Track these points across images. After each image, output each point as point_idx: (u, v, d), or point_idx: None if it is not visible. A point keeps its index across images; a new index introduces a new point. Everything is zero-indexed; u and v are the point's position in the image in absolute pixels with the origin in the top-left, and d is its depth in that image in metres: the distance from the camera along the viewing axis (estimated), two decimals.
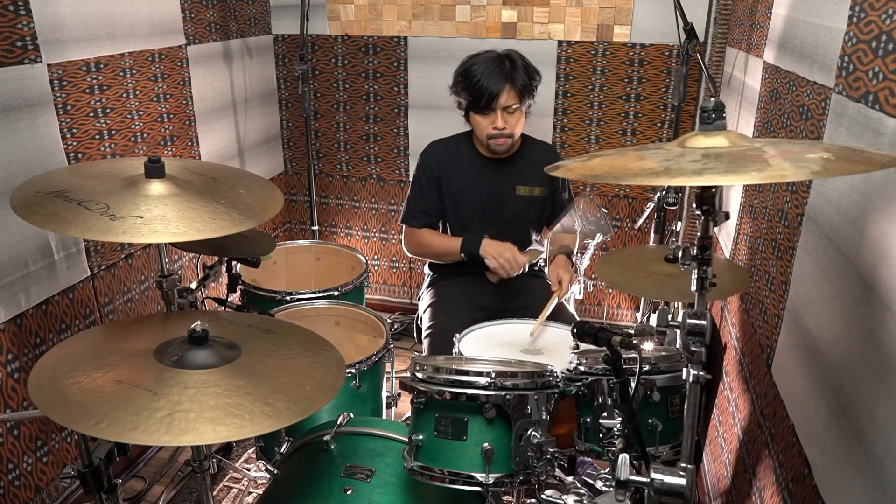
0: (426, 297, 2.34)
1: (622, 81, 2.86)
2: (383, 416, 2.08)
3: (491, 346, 1.83)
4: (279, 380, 1.16)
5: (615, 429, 1.34)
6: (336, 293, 2.30)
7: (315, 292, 2.28)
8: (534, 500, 1.41)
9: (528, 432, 1.29)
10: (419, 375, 1.35)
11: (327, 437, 1.51)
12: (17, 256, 1.84)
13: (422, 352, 2.19)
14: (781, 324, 1.49)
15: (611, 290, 3.20)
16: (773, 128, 1.75)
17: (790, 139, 1.57)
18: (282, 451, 1.63)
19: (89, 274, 2.12)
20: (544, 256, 2.21)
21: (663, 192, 2.35)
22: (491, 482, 1.27)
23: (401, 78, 3.09)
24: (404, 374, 1.40)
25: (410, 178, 3.17)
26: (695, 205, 1.04)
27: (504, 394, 1.28)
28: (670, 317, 1.11)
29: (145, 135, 2.35)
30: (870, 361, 1.05)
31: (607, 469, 1.31)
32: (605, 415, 1.37)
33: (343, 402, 1.85)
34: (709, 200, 1.02)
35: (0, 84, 1.74)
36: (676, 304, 2.27)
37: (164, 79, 2.42)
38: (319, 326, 2.05)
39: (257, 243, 1.89)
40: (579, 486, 1.34)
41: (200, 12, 2.60)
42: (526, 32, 2.88)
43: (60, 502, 2.06)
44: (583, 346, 1.43)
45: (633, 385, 1.25)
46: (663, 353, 1.45)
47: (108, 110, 2.15)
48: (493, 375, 1.29)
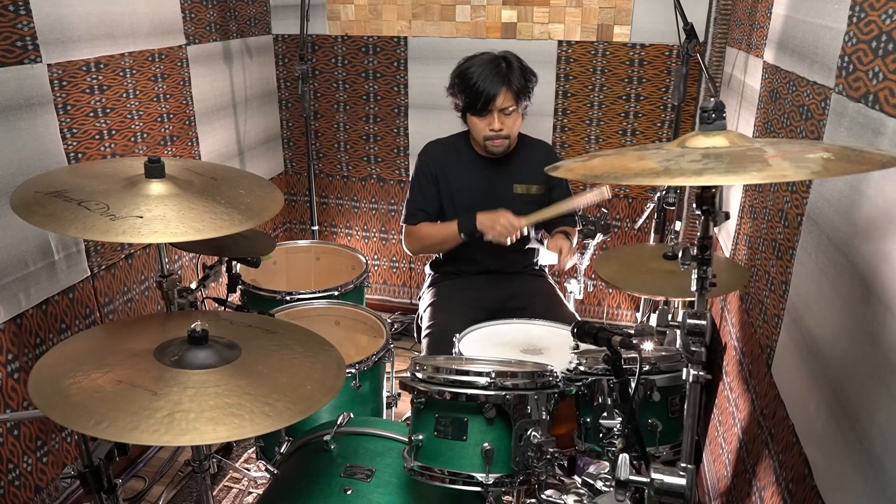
0: (426, 297, 2.34)
1: (622, 81, 2.86)
2: (383, 416, 2.08)
3: (491, 346, 1.83)
4: (279, 380, 1.16)
5: (615, 429, 1.34)
6: (336, 293, 2.30)
7: (315, 292, 2.28)
8: (534, 500, 1.41)
9: (528, 432, 1.29)
10: (419, 375, 1.35)
11: (327, 437, 1.51)
12: (17, 256, 1.84)
13: (422, 352, 2.19)
14: (781, 324, 1.49)
15: (611, 291, 3.20)
16: (773, 128, 1.75)
17: (790, 139, 1.57)
18: (282, 451, 1.63)
19: (89, 274, 2.12)
20: (545, 217, 2.12)
21: (663, 192, 2.35)
22: (491, 482, 1.27)
23: (401, 78, 3.09)
24: (404, 374, 1.40)
25: (410, 179, 3.19)
26: (695, 205, 1.04)
27: (504, 394, 1.28)
28: (670, 317, 1.11)
29: (145, 135, 2.35)
30: (870, 361, 1.05)
31: (607, 469, 1.31)
32: (605, 415, 1.37)
33: (343, 402, 1.85)
34: (709, 200, 1.02)
35: (0, 84, 1.75)
36: (676, 303, 2.27)
37: (164, 79, 2.42)
38: (319, 326, 2.05)
39: (257, 243, 1.89)
40: (579, 486, 1.34)
41: (200, 12, 2.60)
42: (526, 32, 2.87)
43: (60, 502, 2.06)
44: (583, 346, 1.43)
45: (633, 385, 1.25)
46: (663, 353, 1.45)
47: (108, 110, 2.15)
48: (493, 375, 1.29)
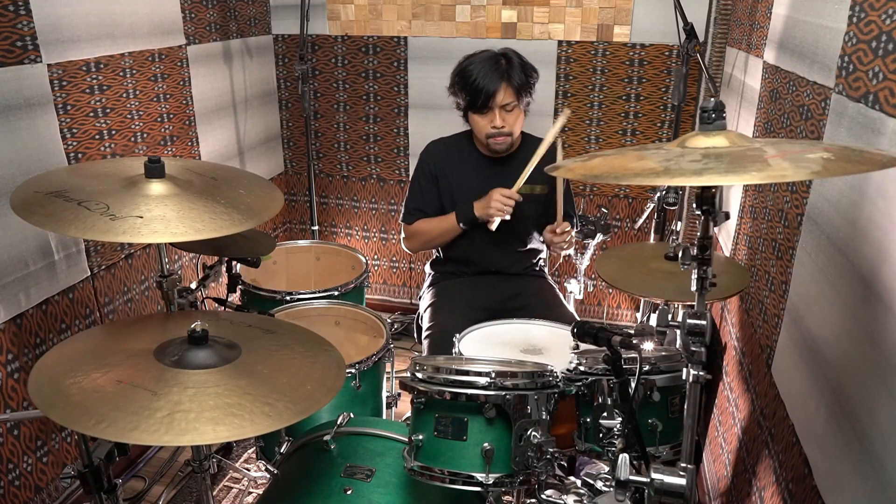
0: (427, 297, 2.34)
1: (622, 81, 2.86)
2: (383, 416, 2.08)
3: (491, 346, 1.83)
4: (279, 380, 1.16)
5: (615, 429, 1.34)
6: (336, 293, 2.30)
7: (315, 292, 2.28)
8: (534, 500, 1.41)
9: (528, 432, 1.29)
10: (419, 375, 1.35)
11: (327, 437, 1.51)
12: (17, 256, 1.84)
13: (422, 352, 2.19)
14: (781, 324, 1.49)
15: (611, 291, 3.20)
16: (773, 128, 1.75)
17: (790, 139, 1.57)
18: (282, 451, 1.63)
19: (89, 274, 2.12)
20: (528, 172, 2.02)
21: (663, 192, 2.35)
22: (491, 482, 1.27)
23: (401, 78, 3.09)
24: (404, 374, 1.40)
25: (410, 178, 3.18)
26: (695, 205, 1.04)
27: (504, 394, 1.28)
28: (670, 317, 1.11)
29: (145, 135, 2.35)
30: (870, 361, 1.05)
31: (607, 469, 1.31)
32: (605, 415, 1.37)
33: (343, 402, 1.85)
34: (709, 200, 1.02)
35: (0, 84, 1.75)
36: (676, 303, 2.27)
37: (164, 79, 2.42)
38: (319, 326, 2.05)
39: (257, 243, 1.89)
40: (579, 486, 1.34)
41: (200, 12, 2.60)
42: (526, 32, 2.87)
43: (60, 502, 2.06)
44: (583, 346, 1.43)
45: (633, 385, 1.25)
46: (663, 353, 1.45)
47: (108, 110, 2.15)
48: (493, 375, 1.29)
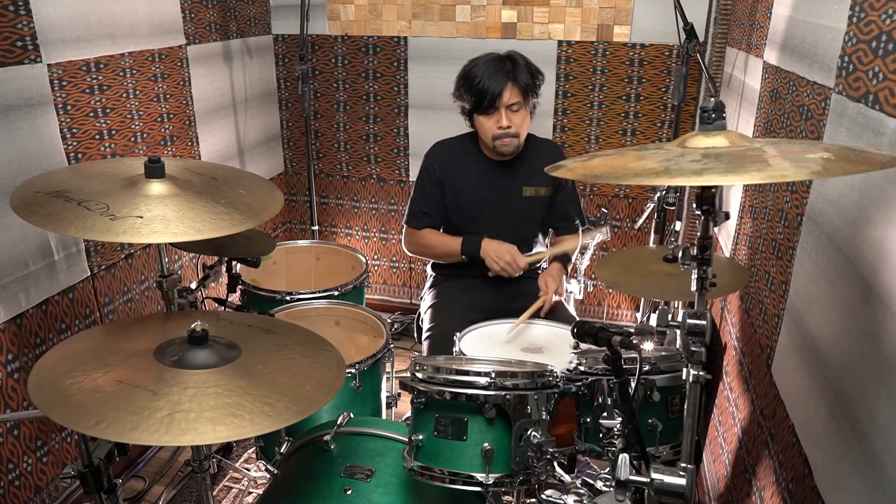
0: (428, 298, 2.34)
1: (622, 81, 2.86)
2: (383, 416, 2.08)
3: (491, 346, 1.83)
4: (279, 380, 1.16)
5: (615, 429, 1.34)
6: (336, 293, 2.30)
7: (315, 292, 2.28)
8: (534, 500, 1.41)
9: (528, 432, 1.29)
10: (419, 375, 1.35)
11: (327, 437, 1.51)
12: (17, 256, 1.84)
13: (422, 352, 2.19)
14: (781, 324, 1.49)
15: (611, 291, 3.20)
16: (774, 128, 1.75)
17: (790, 139, 1.57)
18: (282, 451, 1.63)
19: (89, 274, 2.12)
20: (544, 260, 2.20)
21: (663, 192, 2.35)
22: (491, 482, 1.27)
23: (401, 78, 3.09)
24: (404, 374, 1.40)
25: (410, 179, 3.19)
26: (695, 205, 1.04)
27: (504, 394, 1.28)
28: (670, 317, 1.11)
29: (145, 135, 2.35)
30: (870, 361, 1.05)
31: (607, 469, 1.31)
32: (605, 415, 1.37)
33: (343, 402, 1.85)
34: (709, 200, 1.02)
35: (0, 84, 1.75)
36: (676, 303, 2.27)
37: (164, 79, 2.42)
38: (319, 326, 2.05)
39: (257, 243, 1.89)
40: (579, 486, 1.34)
41: (200, 12, 2.60)
42: (526, 32, 2.88)
43: (60, 502, 2.06)
44: (583, 346, 1.43)
45: (633, 385, 1.25)
46: (663, 353, 1.45)
47: (108, 110, 2.15)
48: (493, 375, 1.29)
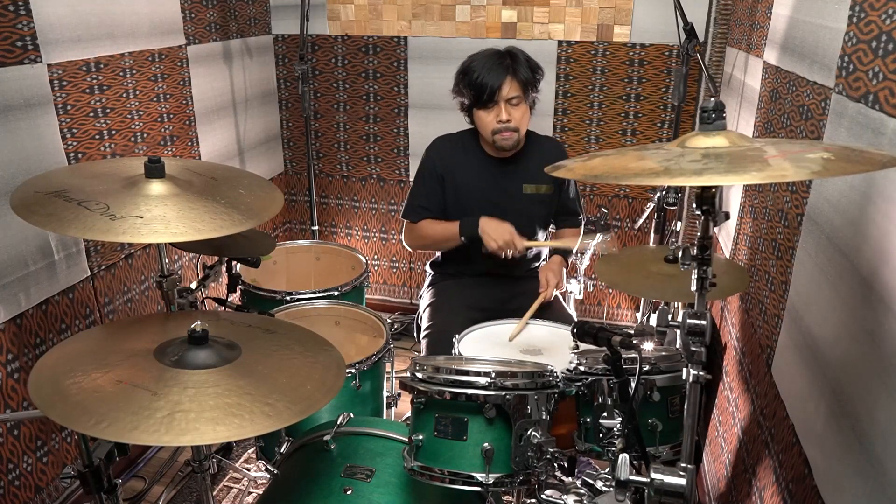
0: (426, 297, 2.34)
1: (622, 81, 2.86)
2: (383, 416, 2.08)
3: (491, 346, 1.83)
4: (279, 380, 1.16)
5: (615, 429, 1.34)
6: (336, 293, 2.30)
7: (315, 292, 2.28)
8: (534, 500, 1.41)
9: (528, 432, 1.29)
10: (419, 375, 1.35)
11: (327, 437, 1.51)
12: (17, 256, 1.84)
13: (421, 352, 2.19)
14: (781, 324, 1.49)
15: (611, 291, 3.20)
16: (773, 128, 1.75)
17: (790, 139, 1.57)
18: (282, 451, 1.63)
19: (89, 274, 2.12)
20: (545, 251, 2.17)
21: (663, 192, 2.35)
22: (491, 482, 1.27)
23: (401, 78, 3.09)
24: (404, 374, 1.40)
25: (410, 179, 3.18)
26: (695, 205, 1.04)
27: (504, 394, 1.28)
28: (670, 317, 1.11)
29: (145, 135, 2.35)
30: (870, 361, 1.05)
31: (607, 469, 1.31)
32: (605, 415, 1.37)
33: (343, 402, 1.85)
34: (709, 200, 1.02)
35: (0, 84, 1.75)
36: (676, 304, 2.27)
37: (164, 79, 2.42)
38: (319, 326, 2.05)
39: (257, 243, 1.89)
40: (579, 486, 1.34)
41: (200, 12, 2.60)
42: (526, 32, 2.88)
43: (60, 502, 2.06)
44: (583, 346, 1.43)
45: (633, 385, 1.25)
46: (663, 353, 1.45)
47: (108, 110, 2.15)
48: (493, 375, 1.29)
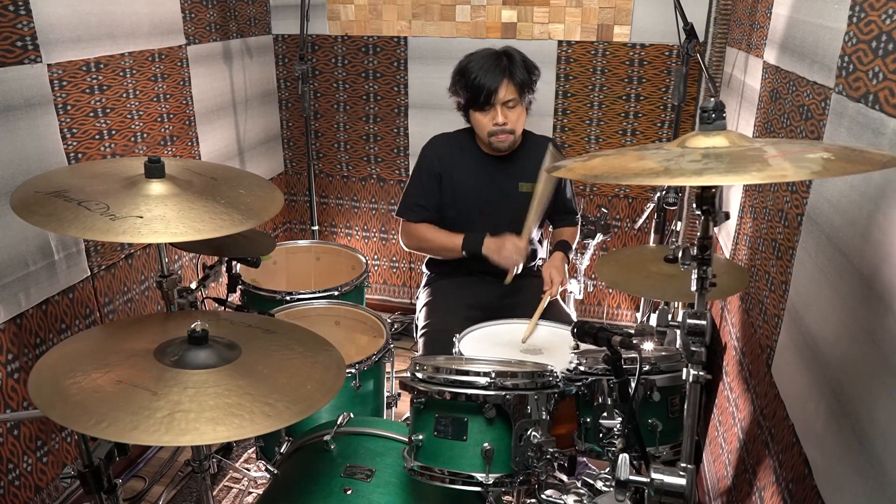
0: (423, 297, 2.34)
1: (622, 81, 2.86)
2: (383, 416, 2.08)
3: (491, 346, 1.83)
4: (279, 380, 1.16)
5: (615, 429, 1.34)
6: (336, 293, 2.30)
7: (315, 292, 2.28)
8: (534, 500, 1.41)
9: (528, 432, 1.29)
10: (419, 375, 1.35)
11: (327, 437, 1.51)
12: (17, 256, 1.84)
13: (418, 351, 2.19)
14: (781, 324, 1.49)
15: (611, 291, 3.20)
16: (773, 128, 1.75)
17: (790, 139, 1.57)
18: (282, 451, 1.63)
19: (89, 274, 2.12)
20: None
21: (663, 192, 2.35)
22: (491, 482, 1.27)
23: (401, 78, 3.09)
24: (404, 374, 1.40)
25: (412, 169, 3.18)
26: (695, 205, 1.04)
27: (504, 394, 1.28)
28: (670, 317, 1.11)
29: (145, 135, 2.35)
30: (870, 361, 1.05)
31: (607, 469, 1.31)
32: (605, 415, 1.37)
33: (343, 402, 1.85)
34: (709, 200, 1.02)
35: (0, 84, 1.75)
36: (676, 303, 2.27)
37: (164, 79, 2.42)
38: (319, 326, 2.05)
39: (257, 243, 1.89)
40: (579, 486, 1.34)
41: (200, 12, 2.60)
42: (526, 32, 2.88)
43: (60, 502, 2.06)
44: (583, 346, 1.43)
45: (633, 385, 1.25)
46: (663, 353, 1.45)
47: (108, 110, 2.15)
48: (493, 375, 1.29)
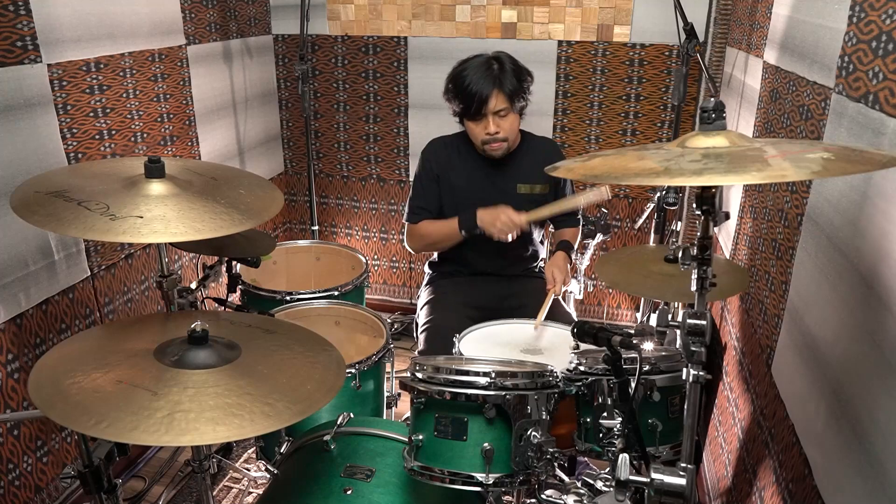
0: (424, 295, 2.34)
1: (622, 81, 2.86)
2: (383, 416, 2.08)
3: (491, 346, 1.83)
4: (279, 380, 1.16)
5: (615, 429, 1.34)
6: (336, 293, 2.30)
7: (315, 292, 2.28)
8: (534, 500, 1.41)
9: (528, 432, 1.29)
10: (419, 375, 1.35)
11: (327, 437, 1.51)
12: (17, 256, 1.84)
13: (418, 346, 2.18)
14: (781, 324, 1.49)
15: (611, 291, 3.20)
16: (774, 128, 1.75)
17: (790, 139, 1.57)
18: (282, 451, 1.63)
19: (89, 274, 2.12)
20: (544, 215, 2.09)
21: (663, 192, 2.35)
22: (491, 482, 1.27)
23: (401, 78, 3.09)
24: (404, 374, 1.40)
25: (410, 178, 3.18)
26: (695, 205, 1.04)
27: (504, 394, 1.28)
28: (670, 317, 1.11)
29: (145, 135, 2.35)
30: (870, 361, 1.05)
31: (607, 469, 1.31)
32: (605, 415, 1.37)
33: (343, 402, 1.85)
34: (709, 200, 1.02)
35: (0, 84, 1.75)
36: (676, 303, 2.27)
37: (164, 79, 2.42)
38: (319, 326, 2.04)
39: (257, 243, 1.89)
40: (579, 486, 1.34)
41: (200, 12, 2.60)
42: (526, 32, 2.87)
43: (60, 502, 2.06)
44: (583, 346, 1.43)
45: (633, 385, 1.25)
46: (663, 353, 1.45)
47: (108, 110, 2.15)
48: (493, 375, 1.29)
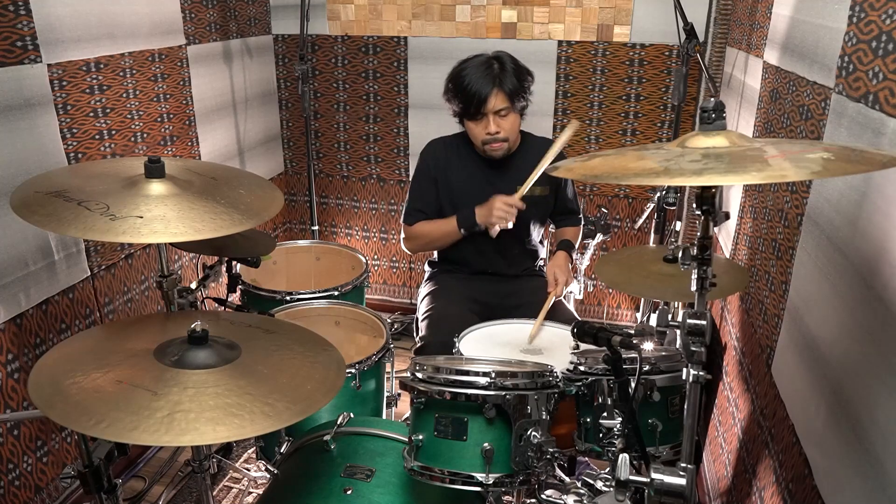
0: (425, 289, 2.34)
1: (622, 81, 2.86)
2: (383, 416, 2.08)
3: (491, 346, 1.83)
4: (279, 380, 1.16)
5: (615, 429, 1.34)
6: (336, 293, 2.30)
7: (315, 292, 2.28)
8: (534, 500, 1.41)
9: (528, 432, 1.30)
10: (419, 375, 1.36)
11: (327, 437, 1.51)
12: (17, 256, 1.84)
13: (419, 333, 2.16)
14: (781, 324, 1.49)
15: (611, 291, 3.20)
16: (774, 128, 1.75)
17: (790, 139, 1.57)
18: (282, 451, 1.63)
19: (89, 274, 2.12)
20: (533, 180, 1.99)
21: (663, 192, 2.35)
22: (491, 482, 1.27)
23: (401, 78, 3.09)
24: (404, 374, 1.40)
25: (411, 177, 3.18)
26: (695, 205, 1.04)
27: (504, 394, 1.28)
28: (670, 317, 1.11)
29: (145, 135, 2.35)
30: (870, 361, 1.05)
31: (607, 469, 1.31)
32: (605, 415, 1.37)
33: (343, 402, 1.85)
34: (709, 200, 1.02)
35: (0, 84, 1.75)
36: (676, 303, 2.27)
37: (164, 79, 2.42)
38: (319, 326, 2.05)
39: (257, 243, 1.89)
40: (579, 486, 1.34)
41: (200, 12, 2.60)
42: (526, 32, 2.87)
43: (60, 502, 2.06)
44: (583, 346, 1.43)
45: (633, 385, 1.25)
46: (663, 353, 1.45)
47: (108, 110, 2.15)
48: (494, 375, 1.29)
